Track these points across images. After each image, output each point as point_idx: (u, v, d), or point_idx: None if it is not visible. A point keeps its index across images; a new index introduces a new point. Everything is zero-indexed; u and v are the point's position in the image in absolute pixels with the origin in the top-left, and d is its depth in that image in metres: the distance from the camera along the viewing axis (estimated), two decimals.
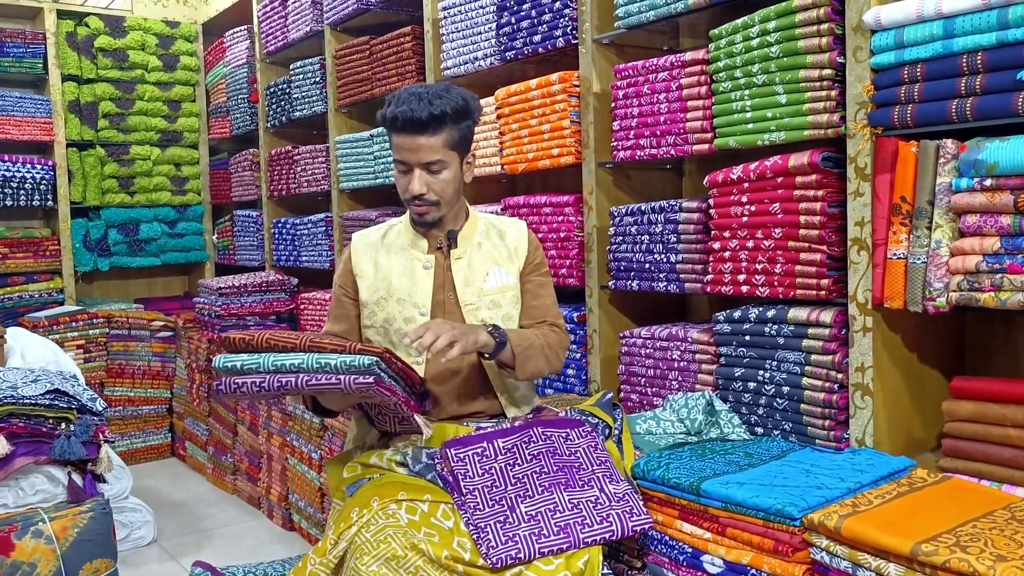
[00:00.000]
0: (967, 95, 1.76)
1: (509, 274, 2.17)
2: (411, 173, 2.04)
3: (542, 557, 1.72)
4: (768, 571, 1.69)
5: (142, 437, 4.95)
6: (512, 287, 2.17)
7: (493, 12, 3.07)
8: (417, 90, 2.01)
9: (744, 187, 2.24)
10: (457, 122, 2.02)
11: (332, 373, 1.80)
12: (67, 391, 2.50)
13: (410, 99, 1.99)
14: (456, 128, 2.03)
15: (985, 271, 1.73)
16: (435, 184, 2.04)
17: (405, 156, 2.03)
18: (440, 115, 1.98)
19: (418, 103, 1.97)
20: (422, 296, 2.12)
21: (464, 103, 2.03)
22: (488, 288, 2.14)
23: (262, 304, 4.56)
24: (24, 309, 4.92)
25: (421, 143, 2.00)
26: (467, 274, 2.14)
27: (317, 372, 1.81)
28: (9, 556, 2.25)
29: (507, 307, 2.15)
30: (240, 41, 5.09)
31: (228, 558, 3.39)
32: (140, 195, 5.35)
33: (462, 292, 2.12)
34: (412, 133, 1.99)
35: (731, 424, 2.25)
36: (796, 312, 2.14)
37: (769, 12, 2.13)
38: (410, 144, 2.01)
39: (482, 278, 2.14)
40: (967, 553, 1.41)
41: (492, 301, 2.13)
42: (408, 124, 1.98)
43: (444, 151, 2.03)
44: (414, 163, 2.03)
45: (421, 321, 2.11)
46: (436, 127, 1.99)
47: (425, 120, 1.97)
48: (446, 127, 2.01)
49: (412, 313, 2.13)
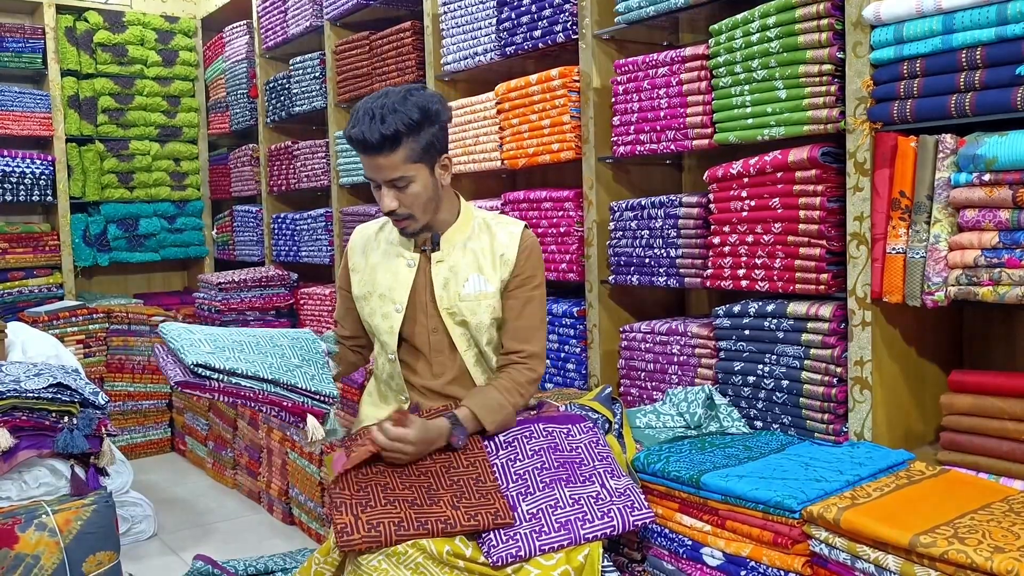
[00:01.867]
0: (966, 90, 1.77)
1: (488, 282, 2.11)
2: (380, 190, 2.01)
3: (543, 554, 1.73)
4: (767, 563, 1.70)
5: (142, 432, 4.96)
6: (490, 296, 2.11)
7: (493, 7, 3.08)
8: (372, 105, 1.94)
9: (744, 182, 2.25)
10: (415, 134, 1.94)
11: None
12: (69, 385, 2.51)
13: (363, 119, 1.92)
14: (415, 140, 1.95)
15: (983, 265, 1.74)
16: (405, 199, 2.00)
17: (370, 175, 2.00)
18: (393, 134, 1.91)
19: (369, 124, 1.91)
20: (400, 294, 2.12)
21: (419, 115, 1.93)
22: (465, 294, 2.11)
23: (262, 299, 4.57)
24: (24, 304, 4.92)
25: (380, 163, 1.96)
26: (447, 277, 2.12)
27: None
28: (13, 548, 2.26)
29: (482, 315, 2.11)
30: (239, 36, 5.09)
31: (229, 552, 3.40)
32: (139, 190, 5.35)
33: (440, 296, 2.11)
34: (369, 154, 1.95)
35: (730, 418, 2.26)
36: (795, 306, 2.15)
37: (769, 7, 2.14)
38: (370, 164, 1.98)
39: (461, 283, 2.11)
40: (965, 545, 1.42)
41: (469, 308, 2.10)
42: (362, 145, 1.94)
43: (405, 167, 1.96)
44: (380, 181, 1.99)
45: (396, 317, 2.12)
46: (391, 146, 1.93)
47: (377, 142, 1.92)
48: (402, 143, 1.93)
49: (389, 309, 2.13)
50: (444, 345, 2.13)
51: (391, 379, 2.18)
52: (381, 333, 2.15)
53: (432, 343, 2.13)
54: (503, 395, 2.03)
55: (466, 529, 1.73)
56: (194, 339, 1.92)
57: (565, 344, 2.92)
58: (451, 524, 1.71)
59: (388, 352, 2.15)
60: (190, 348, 1.88)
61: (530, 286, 2.13)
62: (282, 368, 1.95)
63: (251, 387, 1.88)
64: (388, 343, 2.14)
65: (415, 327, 2.13)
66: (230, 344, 1.96)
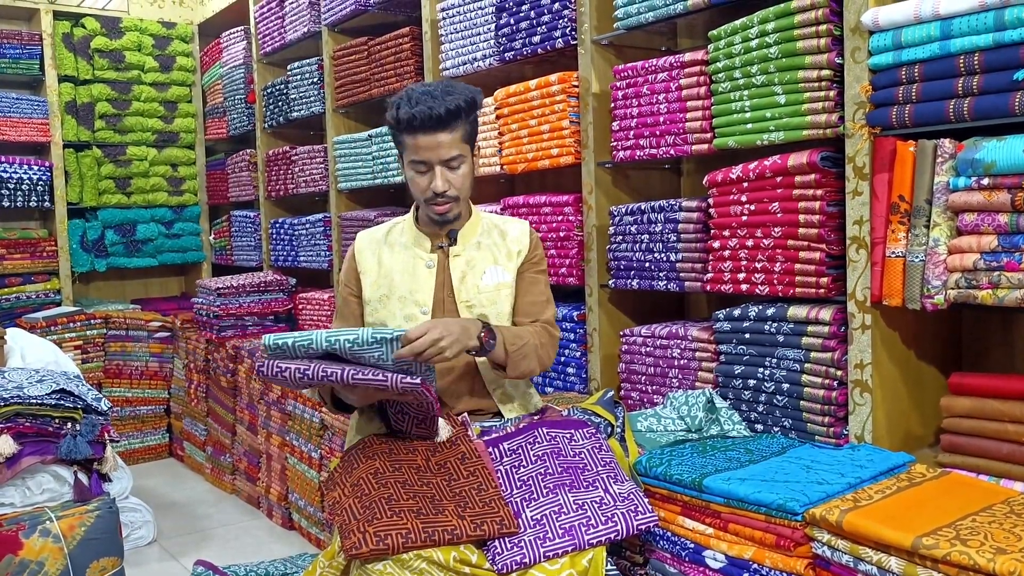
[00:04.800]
0: (964, 95, 1.79)
1: (506, 272, 2.17)
2: (431, 171, 2.04)
3: (547, 559, 1.74)
4: (770, 566, 1.71)
5: (140, 438, 4.96)
6: (508, 285, 2.17)
7: (492, 13, 3.09)
8: (426, 88, 2.02)
9: (743, 186, 2.26)
10: (469, 116, 2.05)
11: (380, 369, 1.82)
12: (72, 391, 2.51)
13: (423, 98, 1.99)
14: (468, 122, 2.05)
15: (983, 269, 1.75)
16: (455, 179, 2.06)
17: (425, 155, 2.03)
18: (456, 110, 1.99)
19: (433, 100, 1.98)
20: (423, 294, 2.14)
21: (473, 96, 2.04)
22: (484, 286, 2.14)
23: (260, 304, 4.57)
24: (21, 310, 4.92)
25: (441, 140, 2.01)
26: (465, 271, 2.15)
27: (364, 367, 1.82)
28: (17, 555, 2.26)
29: (502, 304, 2.15)
30: (237, 42, 5.09)
31: (228, 557, 3.40)
32: (137, 196, 5.36)
33: (459, 289, 2.13)
34: (431, 131, 2.00)
35: (731, 421, 2.27)
36: (795, 310, 2.16)
37: (768, 13, 2.16)
38: (430, 142, 2.01)
39: (480, 275, 2.15)
40: (967, 546, 1.43)
41: (489, 299, 2.14)
42: (427, 122, 1.98)
43: (461, 145, 2.05)
44: (435, 161, 2.03)
45: (423, 319, 2.12)
46: (454, 122, 2.01)
47: (444, 116, 1.98)
48: (461, 121, 2.02)
49: (413, 311, 2.14)
50: None
51: None
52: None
53: None
54: (528, 335, 2.08)
55: (472, 538, 1.73)
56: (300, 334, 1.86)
57: (565, 348, 2.93)
58: (457, 534, 1.72)
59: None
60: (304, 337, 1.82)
61: (537, 268, 2.22)
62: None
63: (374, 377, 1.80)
64: None
65: None
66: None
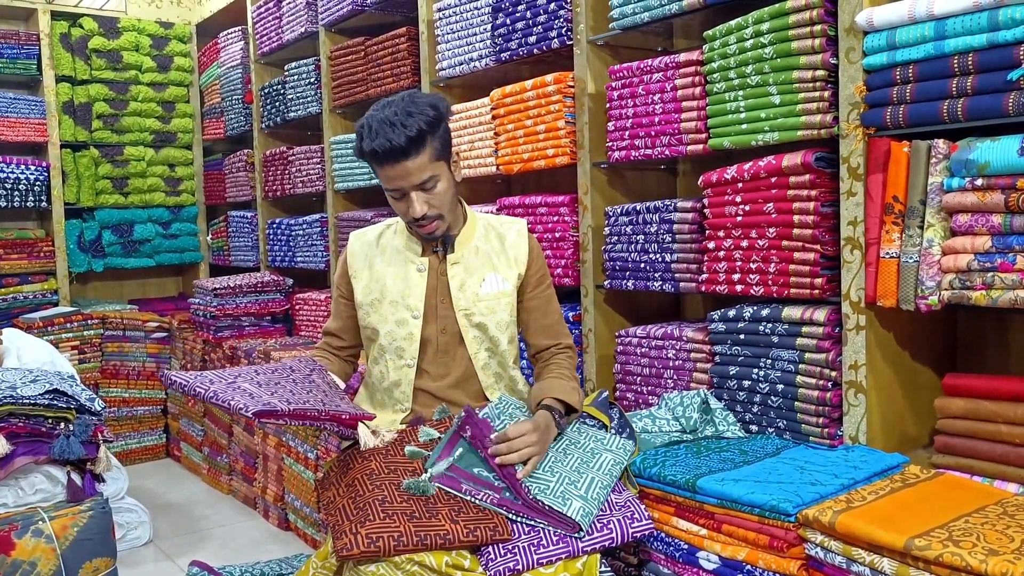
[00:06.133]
0: (958, 96, 1.78)
1: (506, 280, 2.16)
2: (407, 197, 2.01)
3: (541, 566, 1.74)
4: (763, 567, 1.71)
5: (137, 438, 4.96)
6: (508, 294, 2.16)
7: (488, 13, 3.09)
8: (385, 115, 1.95)
9: (738, 187, 2.26)
10: (434, 133, 1.98)
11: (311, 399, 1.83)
12: (66, 391, 2.51)
13: (383, 128, 1.93)
14: (435, 139, 1.99)
15: (977, 270, 1.75)
16: (434, 199, 2.02)
17: (396, 184, 1.99)
18: (417, 135, 1.93)
19: (392, 131, 1.92)
20: (415, 299, 2.13)
21: (434, 111, 1.98)
22: (484, 294, 2.14)
23: (257, 305, 4.57)
24: (18, 310, 4.91)
25: (409, 167, 1.96)
26: (463, 279, 2.14)
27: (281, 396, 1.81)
28: (9, 555, 2.26)
29: (502, 313, 2.15)
30: (234, 42, 5.09)
31: (224, 558, 3.40)
32: (134, 196, 5.35)
33: (457, 297, 2.13)
34: (396, 161, 1.95)
35: (726, 422, 2.27)
36: (790, 311, 2.16)
37: (762, 13, 2.15)
38: (398, 172, 1.97)
39: (478, 283, 2.14)
40: (960, 547, 1.43)
41: (488, 307, 2.14)
42: (390, 154, 1.94)
43: (432, 166, 1.99)
44: (407, 188, 1.99)
45: (414, 324, 2.12)
46: (418, 147, 1.95)
47: (406, 146, 1.93)
48: (426, 143, 1.97)
49: (404, 316, 2.14)
50: (452, 347, 2.14)
51: (395, 386, 2.17)
52: (396, 339, 2.14)
53: (440, 345, 2.14)
54: (569, 381, 2.11)
55: (465, 544, 1.73)
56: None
57: None
58: (450, 539, 1.71)
59: (406, 358, 2.14)
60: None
61: (545, 284, 2.23)
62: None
63: (313, 408, 1.78)
64: (406, 349, 2.14)
65: (425, 331, 2.14)
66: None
